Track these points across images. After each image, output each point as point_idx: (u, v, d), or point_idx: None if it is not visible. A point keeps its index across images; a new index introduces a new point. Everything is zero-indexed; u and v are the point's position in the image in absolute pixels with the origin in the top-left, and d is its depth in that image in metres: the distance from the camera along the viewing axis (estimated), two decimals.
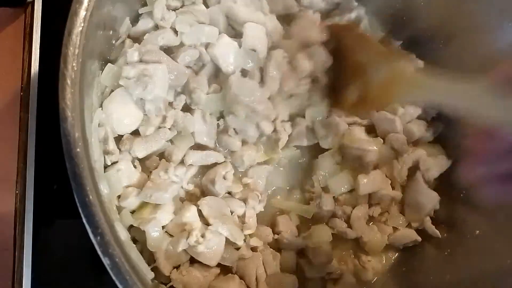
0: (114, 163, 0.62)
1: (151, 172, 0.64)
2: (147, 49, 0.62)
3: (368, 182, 0.72)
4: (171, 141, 0.66)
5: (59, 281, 0.67)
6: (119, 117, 0.61)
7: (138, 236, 0.62)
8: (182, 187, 0.66)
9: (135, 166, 0.63)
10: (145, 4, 0.67)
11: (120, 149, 0.62)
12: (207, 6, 0.70)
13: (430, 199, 0.73)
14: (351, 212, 0.72)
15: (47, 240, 0.67)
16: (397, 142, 0.75)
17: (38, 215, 0.66)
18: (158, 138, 0.64)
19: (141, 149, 0.63)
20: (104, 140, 0.60)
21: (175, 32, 0.67)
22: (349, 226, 0.72)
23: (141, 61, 0.62)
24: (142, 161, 0.65)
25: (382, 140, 0.74)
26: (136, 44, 0.65)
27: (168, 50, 0.67)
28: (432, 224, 0.73)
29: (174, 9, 0.68)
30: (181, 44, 0.67)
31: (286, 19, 0.76)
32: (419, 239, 0.73)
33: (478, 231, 0.68)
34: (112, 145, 0.61)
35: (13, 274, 0.66)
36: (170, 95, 0.66)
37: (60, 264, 0.67)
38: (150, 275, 0.58)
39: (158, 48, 0.65)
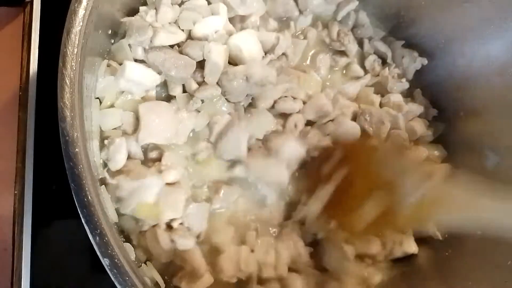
0: None
1: None
2: (152, 46, 0.63)
3: None
4: None
5: (58, 281, 0.66)
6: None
7: None
8: None
9: None
10: (145, 3, 0.67)
11: None
12: (208, 2, 0.70)
13: None
14: None
15: (46, 240, 0.66)
16: (399, 139, 0.75)
17: (37, 216, 0.66)
18: None
19: None
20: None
21: (178, 28, 0.67)
22: None
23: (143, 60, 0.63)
24: None
25: None
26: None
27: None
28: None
29: (176, 4, 0.68)
30: (189, 38, 0.67)
31: (285, 22, 0.76)
32: (415, 251, 0.72)
33: (479, 232, 0.68)
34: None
35: (12, 274, 0.65)
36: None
37: (59, 265, 0.67)
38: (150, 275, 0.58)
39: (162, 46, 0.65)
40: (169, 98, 0.66)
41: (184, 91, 0.66)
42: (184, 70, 0.64)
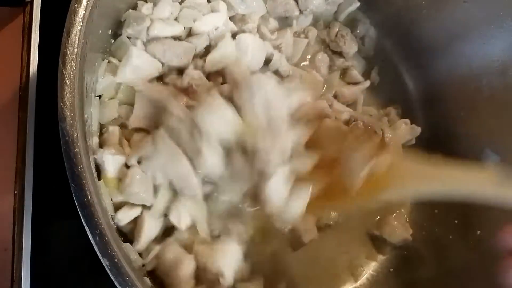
0: None
1: None
2: (149, 38, 0.63)
3: None
4: None
5: (58, 281, 0.66)
6: None
7: None
8: None
9: None
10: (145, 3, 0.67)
11: None
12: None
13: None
14: None
15: (46, 240, 0.66)
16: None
17: (37, 215, 0.66)
18: None
19: None
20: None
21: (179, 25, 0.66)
22: None
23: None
24: None
25: None
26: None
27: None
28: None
29: (176, 1, 0.68)
30: (189, 34, 0.67)
31: (285, 22, 0.77)
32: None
33: (479, 232, 0.68)
34: None
35: (11, 275, 0.65)
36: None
37: (59, 265, 0.67)
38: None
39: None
40: None
41: None
42: (185, 56, 0.64)
